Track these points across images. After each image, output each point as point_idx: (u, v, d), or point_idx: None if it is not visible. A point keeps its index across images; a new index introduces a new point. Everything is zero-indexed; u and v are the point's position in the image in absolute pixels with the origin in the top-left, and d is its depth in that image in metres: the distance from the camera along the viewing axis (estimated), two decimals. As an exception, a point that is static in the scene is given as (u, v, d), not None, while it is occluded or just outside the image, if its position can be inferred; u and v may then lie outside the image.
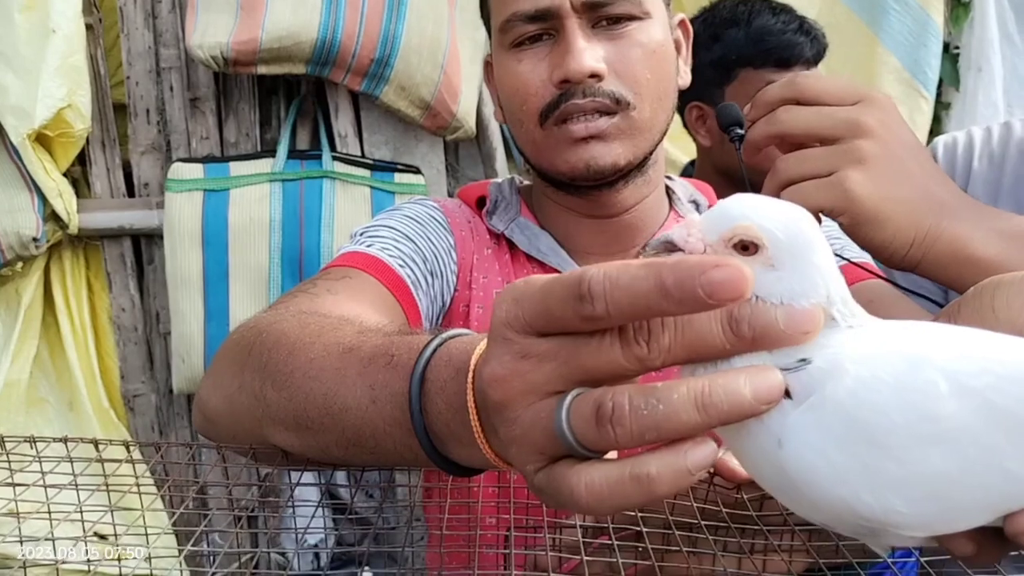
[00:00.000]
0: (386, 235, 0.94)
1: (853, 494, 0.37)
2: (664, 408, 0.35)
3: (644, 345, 0.36)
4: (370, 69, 1.72)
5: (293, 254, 1.77)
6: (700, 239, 0.38)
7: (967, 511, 0.38)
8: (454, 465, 0.52)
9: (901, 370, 0.36)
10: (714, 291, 0.33)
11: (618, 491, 0.36)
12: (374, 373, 0.55)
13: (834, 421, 0.37)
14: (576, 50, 0.87)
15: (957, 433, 0.36)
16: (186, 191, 1.74)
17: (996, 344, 0.37)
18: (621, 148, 0.90)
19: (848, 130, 0.71)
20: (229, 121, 1.85)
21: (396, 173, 1.83)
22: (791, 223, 0.38)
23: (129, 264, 1.86)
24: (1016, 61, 2.30)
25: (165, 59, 1.82)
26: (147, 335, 1.90)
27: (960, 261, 0.71)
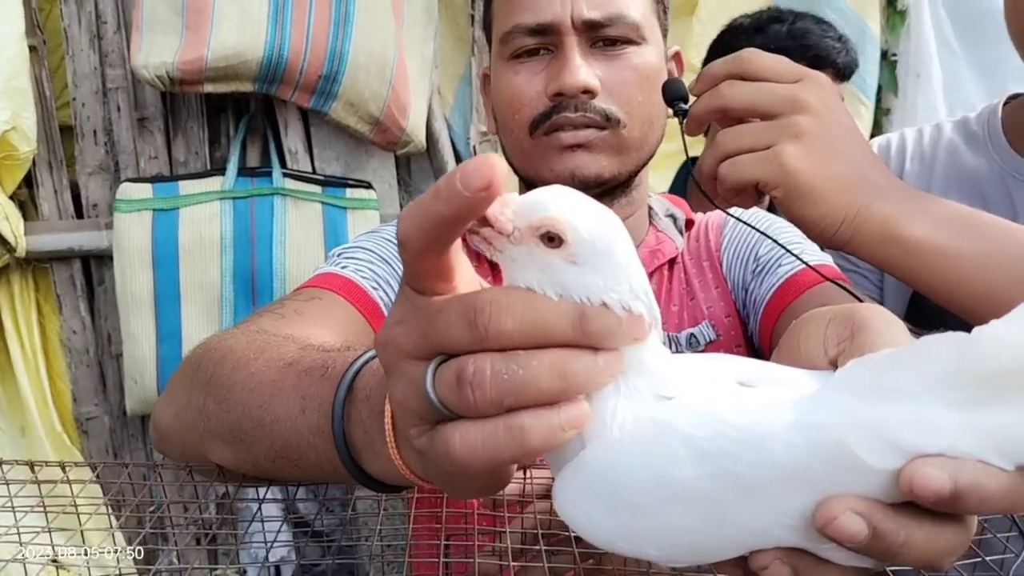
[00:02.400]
0: (362, 257, 0.94)
1: (610, 543, 0.41)
2: (524, 373, 0.36)
3: (484, 328, 0.37)
4: (318, 86, 1.73)
5: (245, 272, 1.76)
6: (510, 219, 0.39)
7: (713, 553, 0.41)
8: (369, 478, 0.52)
9: (648, 436, 0.39)
10: (466, 178, 0.35)
11: (491, 442, 0.37)
12: (307, 385, 0.56)
13: (591, 481, 0.41)
14: (572, 65, 0.90)
15: (695, 493, 0.39)
16: (135, 211, 1.73)
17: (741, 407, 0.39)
18: (607, 161, 0.92)
19: (788, 106, 0.72)
20: (177, 140, 1.85)
21: (347, 188, 1.83)
22: (596, 221, 0.39)
23: (79, 286, 1.85)
24: (954, 66, 2.35)
25: (111, 79, 1.81)
26: (99, 357, 1.89)
27: (889, 241, 0.72)
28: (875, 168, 0.75)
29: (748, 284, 0.99)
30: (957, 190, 1.10)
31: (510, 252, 0.40)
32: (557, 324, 0.37)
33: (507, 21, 0.94)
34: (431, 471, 0.44)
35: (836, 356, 0.44)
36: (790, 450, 0.37)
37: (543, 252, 0.39)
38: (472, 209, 0.36)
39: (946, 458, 0.35)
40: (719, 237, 1.05)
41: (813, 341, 0.45)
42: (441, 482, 0.46)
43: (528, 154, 0.95)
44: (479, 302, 0.37)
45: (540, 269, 0.39)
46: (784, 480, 0.38)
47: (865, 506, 0.37)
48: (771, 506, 0.38)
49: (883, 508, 0.37)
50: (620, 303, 0.38)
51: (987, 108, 1.12)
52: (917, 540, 0.37)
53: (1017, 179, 1.08)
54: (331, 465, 0.53)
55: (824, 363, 0.44)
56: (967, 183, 1.11)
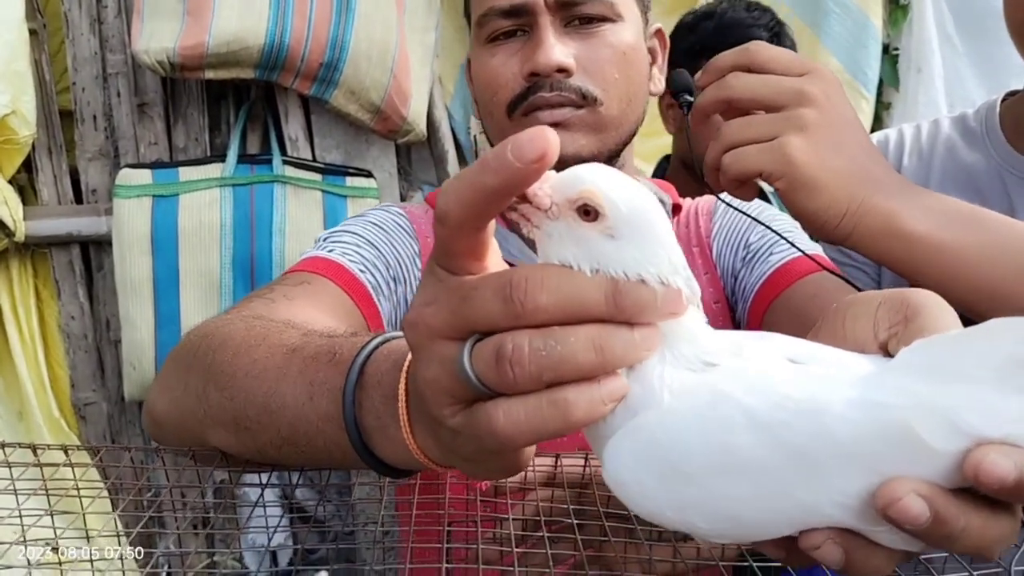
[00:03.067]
0: (349, 240, 0.94)
1: (660, 512, 0.41)
2: (562, 349, 0.37)
3: (519, 303, 0.37)
4: (319, 73, 1.72)
5: (244, 259, 1.76)
6: (548, 194, 0.40)
7: (762, 529, 0.41)
8: (380, 463, 0.53)
9: (705, 403, 0.40)
10: (519, 148, 0.35)
11: (536, 416, 0.38)
12: (315, 371, 0.56)
13: (644, 447, 0.40)
14: (546, 45, 0.90)
15: (750, 464, 0.39)
16: (135, 197, 1.72)
17: (797, 380, 0.40)
18: (585, 140, 0.93)
19: (793, 98, 0.73)
20: (178, 126, 1.84)
21: (348, 177, 1.83)
22: (634, 196, 0.40)
23: (78, 271, 1.84)
24: (955, 61, 2.35)
25: (112, 64, 1.81)
26: (97, 343, 1.88)
27: (890, 235, 0.73)
28: (877, 162, 0.75)
29: (738, 271, 0.99)
30: (954, 186, 1.11)
31: (547, 228, 0.40)
32: (592, 298, 0.38)
33: (482, 4, 0.95)
34: (455, 452, 0.45)
35: (887, 340, 0.44)
36: (850, 427, 0.37)
37: (580, 226, 0.39)
38: (522, 181, 0.36)
39: (1009, 446, 0.36)
40: (709, 223, 1.05)
41: (861, 324, 0.45)
42: (463, 463, 0.46)
43: (508, 135, 0.94)
44: (514, 278, 0.38)
45: (577, 244, 0.39)
46: (842, 457, 0.38)
47: (928, 489, 0.37)
48: (826, 482, 0.38)
49: (945, 493, 0.37)
50: (658, 277, 0.39)
51: (985, 105, 1.12)
52: (974, 527, 0.38)
53: (1014, 175, 1.08)
54: (340, 450, 0.54)
55: (874, 347, 0.44)
56: (964, 179, 1.11)
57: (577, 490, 0.68)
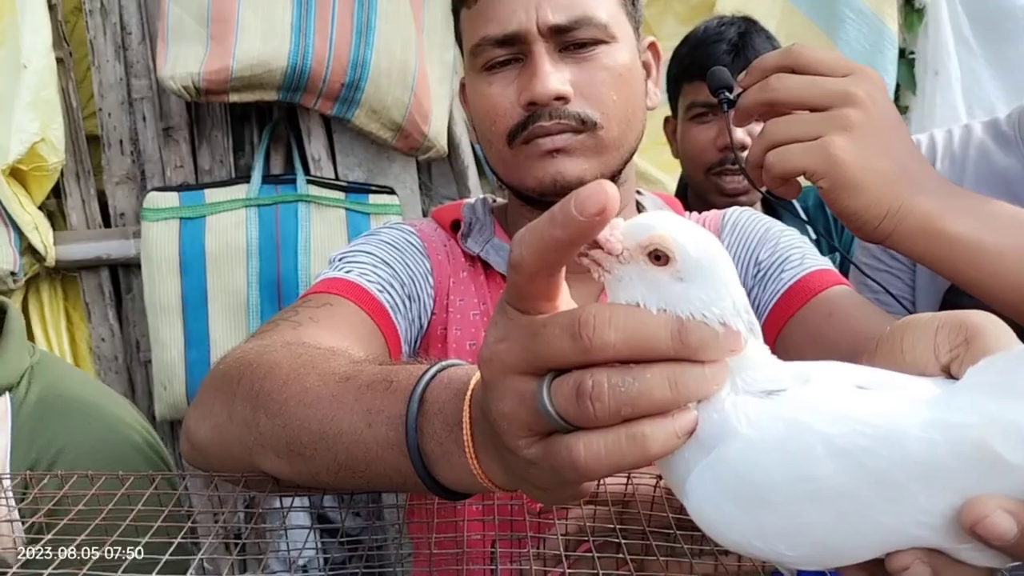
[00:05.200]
0: (364, 260, 0.95)
1: (746, 541, 0.42)
2: (639, 385, 0.39)
3: (588, 339, 0.40)
4: (341, 93, 1.74)
5: (271, 278, 1.78)
6: (619, 240, 0.42)
7: (848, 553, 0.42)
8: (441, 487, 0.55)
9: (784, 434, 0.41)
10: (581, 204, 0.38)
11: (615, 450, 0.40)
12: (371, 398, 0.58)
13: (728, 480, 0.42)
14: (542, 73, 0.89)
15: (833, 491, 0.40)
16: (162, 220, 1.75)
17: (871, 405, 0.41)
18: (587, 164, 0.92)
19: (838, 99, 0.73)
20: (202, 149, 1.87)
21: (370, 194, 1.85)
22: (702, 241, 0.42)
23: (107, 294, 1.87)
24: (972, 63, 2.35)
25: (137, 90, 1.84)
26: (128, 364, 1.91)
27: (930, 236, 0.73)
28: (919, 163, 0.76)
29: (748, 289, 0.99)
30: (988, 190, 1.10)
31: (617, 272, 0.43)
32: (657, 335, 0.40)
33: (475, 34, 0.94)
34: (527, 481, 0.47)
35: (949, 362, 0.45)
36: (929, 448, 0.38)
37: (650, 270, 0.41)
38: (586, 233, 0.39)
39: None
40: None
41: (921, 348, 0.46)
42: (532, 490, 0.48)
43: (509, 164, 0.95)
44: (583, 316, 0.40)
45: (646, 285, 0.41)
46: (923, 478, 0.39)
47: (1014, 505, 0.38)
48: (909, 504, 0.39)
49: None
50: (718, 318, 0.41)
51: (1017, 110, 1.13)
52: None
53: None
54: (401, 475, 0.56)
55: (935, 369, 0.45)
56: (998, 183, 1.11)
57: (619, 508, 0.69)
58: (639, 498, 0.69)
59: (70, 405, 0.88)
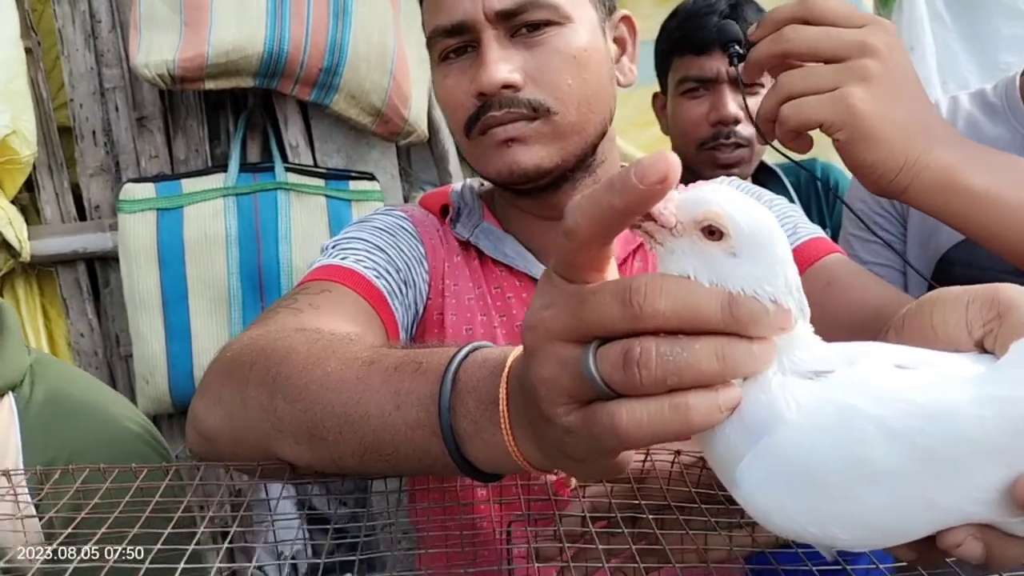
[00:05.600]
0: (359, 247, 0.94)
1: (801, 527, 0.42)
2: (687, 355, 0.39)
3: (639, 306, 0.40)
4: (319, 79, 1.72)
5: (252, 268, 1.76)
6: (673, 213, 0.41)
7: (902, 533, 0.43)
8: (472, 468, 0.54)
9: (834, 418, 0.41)
10: (642, 172, 0.37)
11: (657, 419, 0.40)
12: (400, 380, 0.57)
13: (779, 467, 0.42)
14: (488, 63, 0.88)
15: (887, 472, 0.40)
16: (139, 211, 1.72)
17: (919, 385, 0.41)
18: (544, 151, 0.90)
19: (855, 50, 0.72)
20: (177, 138, 1.84)
21: (351, 181, 1.83)
22: (757, 216, 0.41)
23: (85, 288, 1.84)
24: (946, 38, 2.37)
25: (108, 79, 1.80)
26: (108, 358, 1.88)
27: (947, 188, 0.73)
28: (934, 116, 0.75)
29: None
30: None
31: (670, 244, 0.42)
32: (708, 307, 0.40)
33: (429, 25, 0.93)
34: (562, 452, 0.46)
35: (982, 337, 0.45)
36: (980, 423, 0.39)
37: (703, 244, 0.41)
38: (645, 202, 0.39)
39: None
40: None
41: (953, 322, 0.46)
42: (567, 463, 0.48)
43: (471, 154, 0.95)
44: (635, 283, 0.40)
45: (698, 259, 0.41)
46: (975, 454, 0.39)
47: None
48: (962, 481, 0.40)
49: None
50: (770, 296, 0.40)
51: (1003, 80, 1.13)
52: None
53: None
54: (430, 457, 0.55)
55: (968, 344, 0.45)
56: None
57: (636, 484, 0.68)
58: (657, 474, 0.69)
59: (81, 406, 0.86)
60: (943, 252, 1.09)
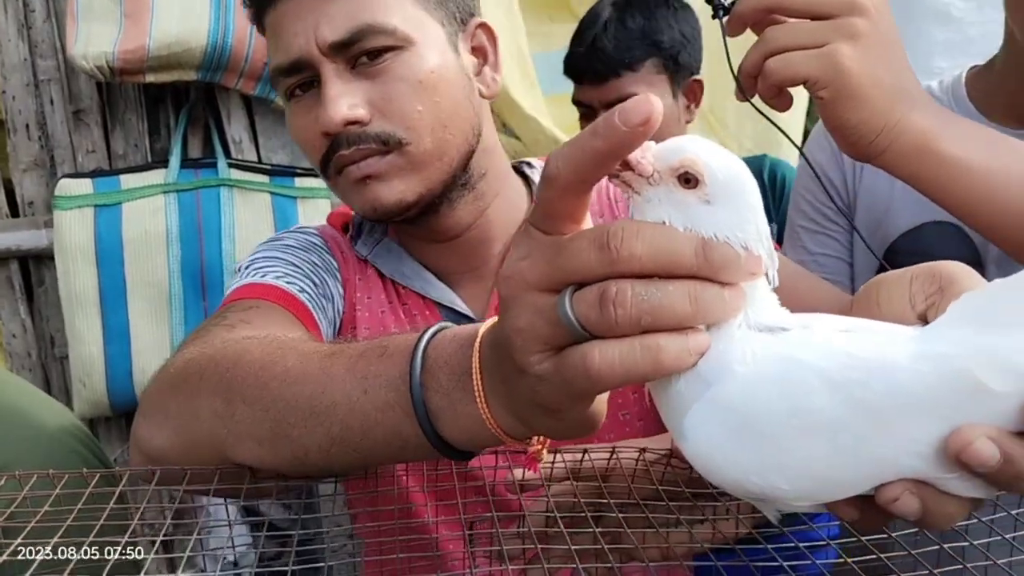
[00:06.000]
0: (275, 265, 0.91)
1: (744, 476, 0.44)
2: (661, 296, 0.40)
3: (615, 250, 0.40)
4: (264, 72, 1.68)
5: (194, 267, 1.72)
6: (651, 162, 0.42)
7: (841, 486, 0.44)
8: (446, 445, 0.54)
9: (781, 370, 0.42)
10: (625, 114, 0.38)
11: (628, 359, 0.41)
12: (365, 366, 0.56)
13: (726, 415, 0.43)
14: (327, 100, 0.83)
15: (828, 423, 0.41)
16: (75, 208, 1.67)
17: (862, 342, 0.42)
18: (403, 184, 0.86)
19: (845, 7, 0.72)
20: (116, 133, 1.78)
21: (296, 178, 1.79)
22: (732, 165, 0.43)
23: (18, 287, 1.78)
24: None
25: (43, 71, 1.74)
26: (42, 360, 1.82)
27: (924, 154, 0.73)
28: (913, 81, 0.76)
29: None
30: None
31: (647, 193, 0.43)
32: (683, 250, 0.41)
33: (271, 64, 0.88)
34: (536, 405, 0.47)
35: (925, 310, 0.47)
36: (918, 378, 0.40)
37: (679, 192, 0.42)
38: (628, 143, 0.39)
39: None
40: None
41: (896, 298, 0.48)
42: (542, 418, 0.48)
43: (335, 190, 0.91)
44: (612, 228, 0.41)
45: (673, 206, 0.42)
46: (912, 408, 0.40)
47: (996, 432, 0.40)
48: (900, 434, 0.41)
49: (1011, 435, 0.40)
50: (741, 242, 0.41)
51: (950, 78, 1.16)
52: None
53: None
54: (400, 439, 0.55)
55: (912, 318, 0.47)
56: None
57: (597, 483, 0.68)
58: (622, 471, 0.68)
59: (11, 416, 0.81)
60: (890, 242, 1.11)
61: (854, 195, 1.15)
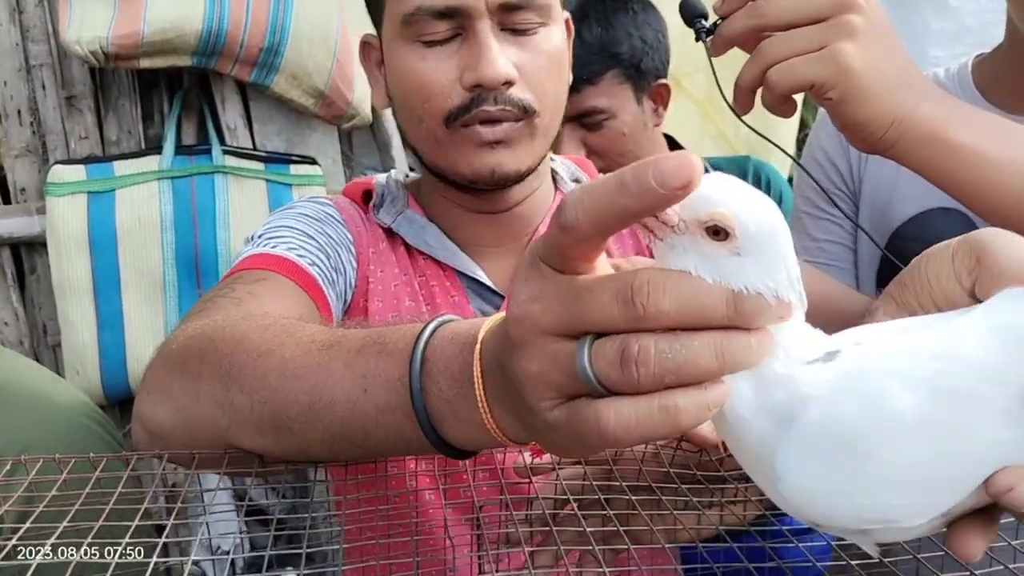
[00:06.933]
0: (287, 235, 0.91)
1: (852, 502, 0.41)
2: (685, 353, 0.38)
3: (641, 306, 0.38)
4: (259, 59, 1.67)
5: (188, 254, 1.71)
6: (677, 211, 0.40)
7: (949, 486, 0.42)
8: (449, 446, 0.52)
9: (854, 385, 0.41)
10: (663, 176, 0.35)
11: (646, 421, 0.39)
12: (364, 363, 0.54)
13: (815, 444, 0.41)
14: (492, 55, 0.85)
15: (919, 420, 0.40)
16: (68, 194, 1.65)
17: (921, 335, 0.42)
18: (525, 154, 0.89)
19: (835, 7, 0.71)
20: (109, 119, 1.76)
21: (291, 164, 1.78)
22: (763, 216, 0.40)
23: (10, 275, 1.75)
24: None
25: (35, 56, 1.72)
26: (34, 348, 1.80)
27: (935, 144, 0.73)
28: (917, 69, 0.75)
29: None
30: None
31: (670, 240, 0.41)
32: (713, 304, 0.39)
33: (411, 2, 0.87)
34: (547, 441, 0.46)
35: (972, 286, 0.47)
36: (988, 349, 0.40)
37: (706, 243, 0.40)
38: (661, 206, 0.37)
39: None
40: None
41: (945, 276, 0.48)
42: (549, 447, 0.47)
43: (443, 145, 0.90)
44: (636, 281, 0.38)
45: (700, 256, 0.40)
46: (990, 381, 0.40)
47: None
48: (989, 411, 0.40)
49: None
50: (773, 292, 0.40)
51: (956, 66, 1.15)
52: None
53: None
54: (403, 440, 0.53)
55: (963, 295, 0.47)
56: None
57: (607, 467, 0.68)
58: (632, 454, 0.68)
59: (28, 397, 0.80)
60: (895, 228, 1.10)
61: (859, 182, 1.14)
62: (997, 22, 1.07)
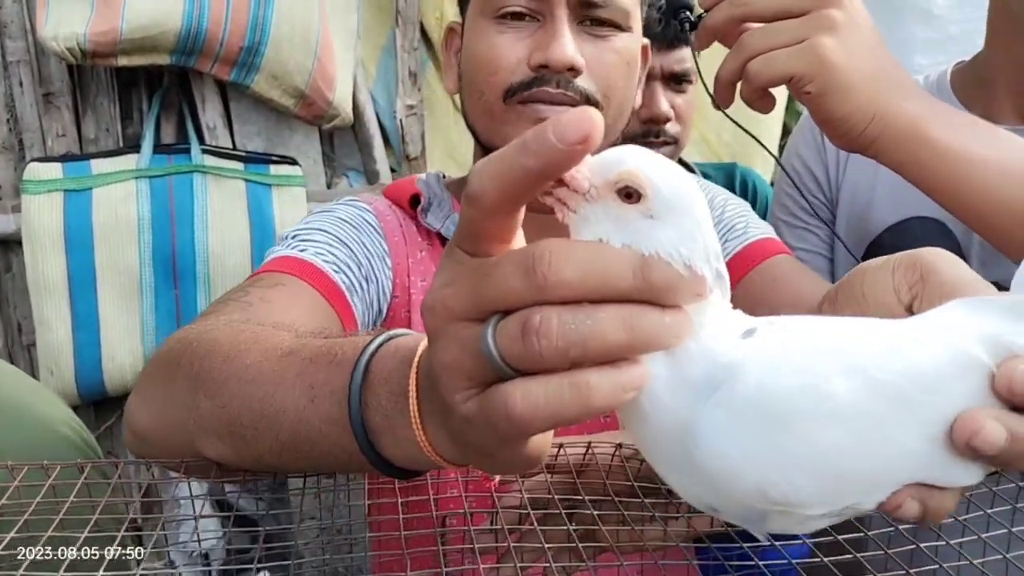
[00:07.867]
0: (320, 239, 0.90)
1: (764, 477, 0.40)
2: (591, 323, 0.36)
3: (543, 275, 0.36)
4: (239, 58, 1.66)
5: (165, 254, 1.69)
6: (586, 176, 0.38)
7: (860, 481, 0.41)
8: (388, 464, 0.50)
9: (796, 361, 0.40)
10: (561, 130, 0.34)
11: (555, 400, 0.36)
12: (315, 372, 0.53)
13: (744, 412, 0.39)
14: (563, 39, 0.87)
15: (849, 408, 0.39)
16: (44, 192, 1.64)
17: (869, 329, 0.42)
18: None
19: (817, 2, 0.71)
20: (87, 116, 1.75)
21: (271, 165, 1.77)
22: (676, 179, 0.39)
23: (-16, 273, 1.74)
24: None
25: (12, 52, 1.70)
26: (8, 348, 1.78)
27: (916, 141, 0.73)
28: (897, 67, 0.75)
29: None
30: None
31: (583, 211, 0.39)
32: (619, 271, 0.36)
33: None
34: (468, 445, 0.43)
35: (910, 302, 0.46)
36: (931, 358, 0.40)
37: (619, 207, 0.38)
38: (563, 163, 0.35)
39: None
40: None
41: (882, 289, 0.48)
42: (477, 457, 0.44)
43: (498, 119, 0.91)
44: (538, 250, 0.36)
45: (612, 223, 0.38)
46: (927, 388, 0.40)
47: (998, 413, 0.40)
48: (915, 416, 0.40)
49: (1012, 414, 0.40)
50: (685, 259, 0.38)
51: (936, 73, 1.15)
52: None
53: None
54: (345, 453, 0.51)
55: (899, 309, 0.47)
56: None
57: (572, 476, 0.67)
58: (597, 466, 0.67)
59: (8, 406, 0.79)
60: (873, 237, 1.10)
61: (837, 189, 1.14)
62: (981, 31, 1.07)
